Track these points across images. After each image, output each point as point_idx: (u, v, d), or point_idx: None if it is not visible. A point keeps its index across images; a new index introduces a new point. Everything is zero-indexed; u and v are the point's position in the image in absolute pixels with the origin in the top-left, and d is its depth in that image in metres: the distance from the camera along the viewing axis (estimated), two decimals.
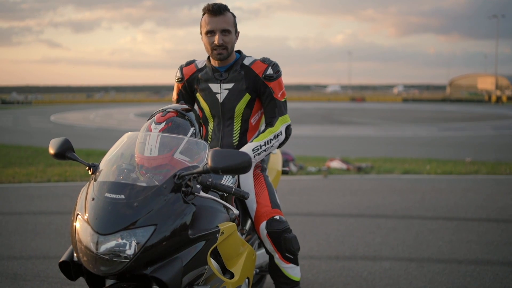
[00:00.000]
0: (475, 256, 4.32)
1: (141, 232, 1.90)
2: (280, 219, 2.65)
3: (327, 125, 24.95)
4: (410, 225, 5.31)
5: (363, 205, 6.22)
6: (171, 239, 1.95)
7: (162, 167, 2.15)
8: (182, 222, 2.00)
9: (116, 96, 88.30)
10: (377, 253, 4.44)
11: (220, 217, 2.24)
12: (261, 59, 2.77)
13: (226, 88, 2.73)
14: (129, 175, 2.12)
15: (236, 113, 2.75)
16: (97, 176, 2.12)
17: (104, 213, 1.92)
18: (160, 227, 1.92)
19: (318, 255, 4.38)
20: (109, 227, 1.89)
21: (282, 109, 2.76)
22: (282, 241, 2.62)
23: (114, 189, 1.98)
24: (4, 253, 4.40)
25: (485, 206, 6.15)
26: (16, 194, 6.89)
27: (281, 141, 2.74)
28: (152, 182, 2.07)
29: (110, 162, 2.19)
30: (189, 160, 2.20)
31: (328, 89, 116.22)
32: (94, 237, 1.90)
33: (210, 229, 2.13)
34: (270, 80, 2.71)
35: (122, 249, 1.88)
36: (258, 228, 2.66)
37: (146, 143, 2.21)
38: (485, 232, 5.02)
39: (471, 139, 17.45)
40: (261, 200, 2.70)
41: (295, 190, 7.17)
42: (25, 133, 20.01)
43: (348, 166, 8.90)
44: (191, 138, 2.27)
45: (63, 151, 2.30)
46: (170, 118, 2.35)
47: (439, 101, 63.66)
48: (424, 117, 31.06)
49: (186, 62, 2.88)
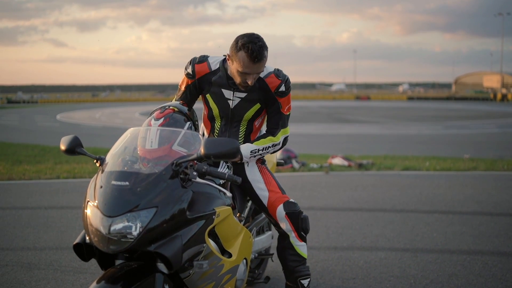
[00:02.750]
0: (467, 247, 4.52)
1: (144, 214, 2.13)
2: (295, 202, 2.95)
3: (331, 123, 25.14)
4: (407, 218, 5.51)
5: (363, 200, 6.42)
6: (171, 219, 2.19)
7: (162, 158, 2.40)
8: (181, 205, 2.23)
9: (122, 95, 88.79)
10: (374, 244, 4.64)
11: (216, 201, 2.48)
12: (275, 72, 2.84)
13: (239, 96, 2.85)
14: (132, 166, 2.36)
15: (244, 118, 2.93)
16: (104, 167, 2.35)
17: (111, 198, 2.15)
18: (161, 209, 2.16)
19: (317, 246, 4.59)
20: (116, 210, 2.12)
21: (285, 122, 2.96)
22: (300, 221, 2.92)
23: (119, 177, 2.21)
24: (19, 245, 4.64)
25: (481, 200, 6.34)
26: (27, 190, 7.13)
27: (276, 149, 3.00)
28: (153, 170, 2.31)
29: (115, 155, 2.41)
30: (187, 151, 2.44)
31: (333, 87, 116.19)
32: (104, 219, 2.13)
33: (206, 211, 2.37)
34: (282, 96, 2.86)
35: (128, 230, 2.11)
36: (275, 212, 2.91)
37: (146, 137, 2.46)
38: (478, 225, 5.21)
39: (475, 137, 17.60)
40: (272, 188, 2.97)
41: (297, 186, 7.38)
42: (31, 132, 20.31)
43: (349, 162, 9.10)
44: (187, 131, 2.51)
45: (73, 147, 2.52)
46: (168, 114, 2.61)
47: (444, 99, 63.68)
48: (428, 115, 31.19)
49: (199, 57, 2.88)
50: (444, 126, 22.68)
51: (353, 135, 18.79)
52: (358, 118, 29.11)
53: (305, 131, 20.60)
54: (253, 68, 2.65)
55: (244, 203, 3.11)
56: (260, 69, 2.68)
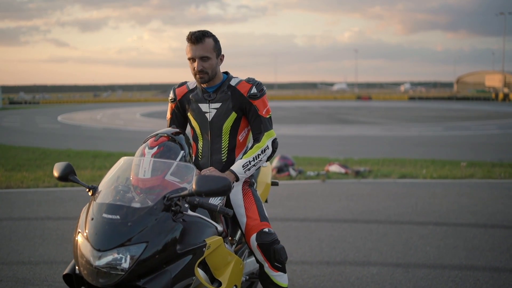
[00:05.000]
0: (459, 262, 4.54)
1: (135, 248, 2.17)
2: (269, 231, 2.88)
3: (332, 124, 25.15)
4: (401, 231, 5.53)
5: (358, 210, 6.44)
6: (161, 254, 2.22)
7: (155, 188, 2.43)
8: (171, 239, 2.26)
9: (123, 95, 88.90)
10: (367, 258, 4.66)
11: (207, 232, 2.50)
12: (246, 79, 3.00)
13: (214, 107, 2.95)
14: (125, 196, 2.39)
15: (224, 131, 2.97)
16: (96, 197, 2.38)
17: (102, 232, 2.18)
18: (151, 244, 2.19)
19: (310, 260, 4.61)
20: (106, 244, 2.15)
21: (267, 125, 2.98)
22: (272, 252, 2.86)
23: (110, 210, 2.24)
24: (14, 259, 4.68)
25: (476, 211, 6.36)
26: (25, 199, 7.17)
27: (268, 155, 2.97)
28: (145, 202, 2.35)
29: (107, 184, 2.44)
30: (179, 181, 2.47)
31: (335, 87, 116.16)
32: (93, 252, 2.16)
33: (197, 243, 2.39)
34: (255, 98, 2.94)
35: (118, 263, 2.15)
36: (249, 240, 2.90)
37: (140, 165, 2.48)
38: (472, 238, 5.23)
39: (475, 138, 17.61)
40: (251, 214, 2.94)
41: (293, 195, 7.40)
42: (32, 134, 20.36)
43: (346, 170, 9.12)
44: (180, 162, 2.53)
45: (66, 174, 2.56)
46: (162, 142, 2.62)
47: (446, 99, 63.61)
48: (430, 116, 31.18)
49: (179, 84, 3.12)
50: (444, 127, 22.68)
51: (353, 136, 18.81)
52: (359, 119, 29.11)
53: (305, 132, 20.64)
54: (195, 50, 2.81)
55: (236, 226, 3.13)
56: (201, 52, 2.80)
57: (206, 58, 2.84)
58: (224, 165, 3.00)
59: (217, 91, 2.95)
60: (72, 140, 17.47)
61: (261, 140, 2.94)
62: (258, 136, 2.96)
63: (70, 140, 17.43)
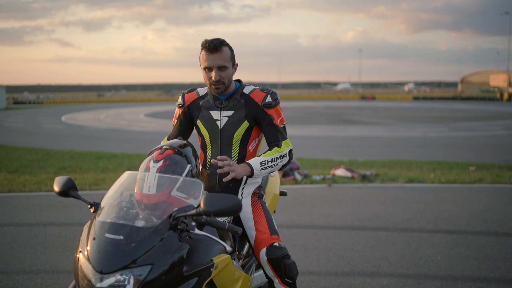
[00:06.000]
0: (472, 273, 4.40)
1: (139, 271, 2.05)
2: (279, 246, 2.77)
3: (336, 125, 25.00)
4: (410, 239, 5.40)
5: (365, 217, 6.31)
6: (167, 276, 2.10)
7: (160, 204, 2.32)
8: (177, 260, 2.14)
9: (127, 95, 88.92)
10: (376, 268, 4.53)
11: (214, 250, 2.38)
12: (260, 88, 2.89)
13: (226, 115, 2.85)
14: (128, 212, 2.27)
15: (234, 140, 2.86)
16: (99, 214, 2.26)
17: (104, 253, 2.06)
18: (157, 266, 2.07)
19: (318, 271, 4.49)
20: (108, 266, 2.03)
21: (283, 134, 2.89)
22: (282, 267, 2.74)
23: (113, 230, 2.12)
24: (15, 267, 4.57)
25: (486, 218, 6.21)
26: (27, 204, 7.07)
27: (284, 163, 2.85)
28: (150, 220, 2.23)
29: (110, 200, 2.33)
30: (186, 196, 2.35)
31: (339, 87, 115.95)
32: (95, 275, 2.05)
33: (204, 263, 2.26)
34: (269, 107, 2.83)
35: (121, 286, 2.03)
36: (258, 255, 2.78)
37: (145, 180, 2.36)
38: (483, 247, 5.09)
39: (480, 139, 17.44)
40: (260, 227, 2.83)
41: (299, 200, 7.27)
42: (36, 135, 20.31)
43: (352, 174, 8.98)
44: (186, 178, 2.40)
45: (67, 190, 2.45)
46: (167, 156, 2.49)
47: (450, 99, 63.32)
48: (434, 116, 30.99)
49: (188, 89, 3.02)
50: (449, 128, 22.52)
51: (357, 137, 18.67)
52: (363, 119, 28.95)
53: (309, 133, 20.51)
54: (212, 59, 2.72)
55: (243, 240, 3.01)
56: (219, 61, 2.72)
57: (224, 67, 2.75)
58: None
59: (229, 99, 2.85)
60: (75, 141, 17.40)
61: (281, 146, 2.84)
62: (277, 143, 2.85)
63: (73, 141, 17.37)
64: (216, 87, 2.78)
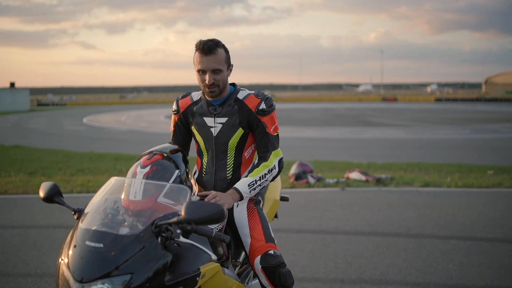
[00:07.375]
0: (484, 282, 4.24)
1: (119, 280, 1.99)
2: (274, 254, 2.68)
3: (356, 126, 24.73)
4: (422, 245, 5.25)
5: (377, 222, 6.17)
6: (148, 285, 2.03)
7: (146, 211, 2.27)
8: (159, 269, 2.07)
9: (148, 97, 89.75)
10: (384, 276, 4.41)
11: (202, 259, 2.29)
12: (255, 93, 2.80)
13: (220, 122, 2.77)
14: (114, 219, 2.23)
15: (229, 147, 2.79)
16: (82, 220, 2.22)
17: (84, 261, 2.02)
18: (137, 275, 2.01)
19: (324, 278, 4.39)
20: (87, 275, 1.99)
21: (274, 143, 2.80)
22: (277, 276, 2.65)
23: (94, 237, 2.08)
24: (21, 270, 4.59)
25: (503, 224, 6.02)
26: (39, 206, 7.12)
27: (274, 175, 2.80)
28: (135, 227, 2.18)
29: (94, 207, 2.28)
30: (173, 203, 2.30)
31: (360, 88, 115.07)
32: (74, 284, 2.00)
33: (189, 272, 2.19)
34: (263, 114, 2.75)
35: None
36: (253, 263, 2.70)
37: (131, 185, 2.32)
38: (498, 255, 4.92)
39: (504, 141, 17.04)
40: (255, 235, 2.75)
41: (310, 204, 7.16)
42: (58, 136, 20.61)
43: (367, 177, 8.82)
44: (173, 185, 2.35)
45: (51, 196, 2.43)
46: (155, 161, 2.44)
47: (474, 100, 62.17)
48: (456, 118, 30.42)
49: (182, 94, 2.95)
50: (472, 130, 22.06)
51: (377, 139, 18.43)
52: (384, 121, 28.58)
53: (329, 135, 20.33)
54: (206, 62, 2.63)
55: (239, 247, 2.93)
56: (213, 64, 2.63)
57: (218, 70, 2.66)
58: (229, 183, 2.82)
59: (223, 105, 2.77)
60: (95, 143, 17.57)
61: (268, 159, 2.77)
62: (265, 154, 2.79)
63: (94, 143, 17.54)
64: (210, 90, 2.70)
